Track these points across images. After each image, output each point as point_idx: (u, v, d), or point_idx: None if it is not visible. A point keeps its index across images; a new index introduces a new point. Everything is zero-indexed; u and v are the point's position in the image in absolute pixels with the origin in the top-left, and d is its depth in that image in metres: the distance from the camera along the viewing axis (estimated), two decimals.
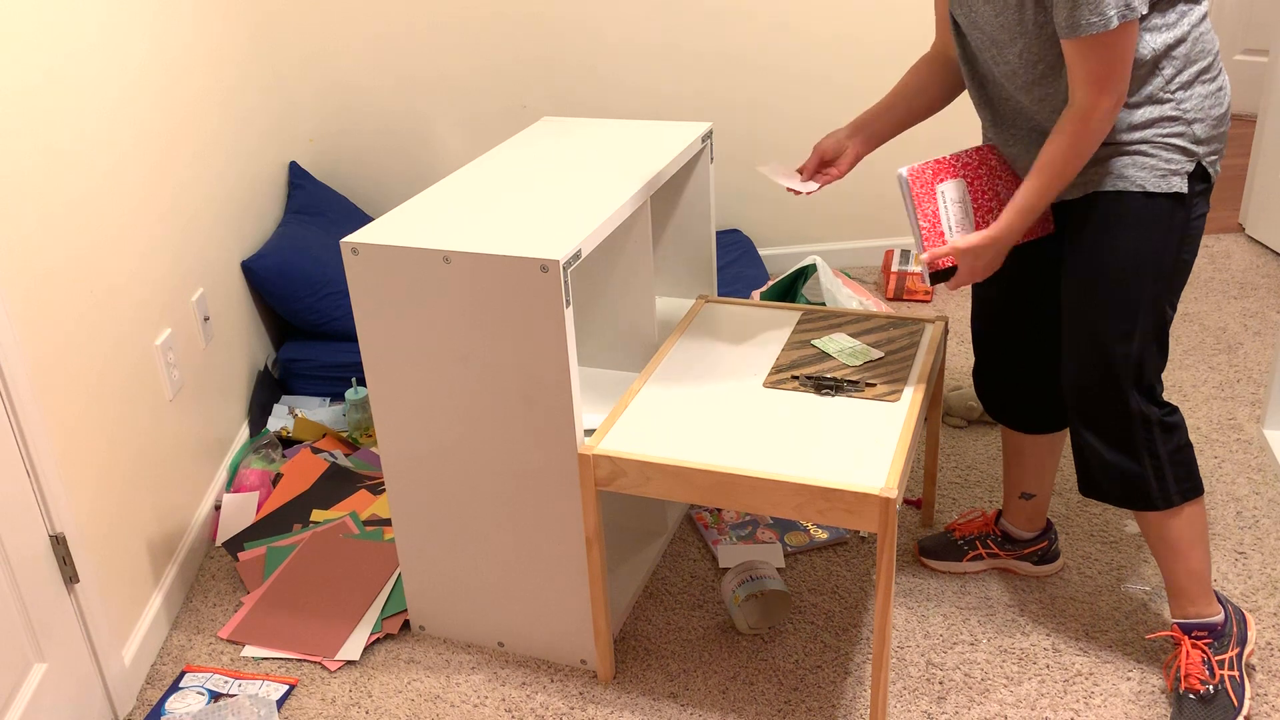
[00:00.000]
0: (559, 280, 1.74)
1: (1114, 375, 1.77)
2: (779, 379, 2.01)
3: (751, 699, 1.99)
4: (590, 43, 3.44)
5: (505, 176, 2.14)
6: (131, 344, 2.17)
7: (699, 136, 2.31)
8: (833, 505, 1.70)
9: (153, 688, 2.08)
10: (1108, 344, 1.76)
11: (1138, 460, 1.81)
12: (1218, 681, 1.85)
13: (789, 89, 3.53)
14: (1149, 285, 1.74)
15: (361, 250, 1.85)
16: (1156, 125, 1.69)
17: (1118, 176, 1.72)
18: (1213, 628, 1.89)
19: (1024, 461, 2.16)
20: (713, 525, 2.43)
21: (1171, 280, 1.76)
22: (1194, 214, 1.74)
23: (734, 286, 3.28)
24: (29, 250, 1.82)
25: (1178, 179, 1.69)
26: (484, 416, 1.91)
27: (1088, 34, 1.58)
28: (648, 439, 1.86)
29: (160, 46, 2.47)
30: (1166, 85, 1.68)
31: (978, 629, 2.12)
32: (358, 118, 3.50)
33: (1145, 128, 1.70)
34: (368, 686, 2.06)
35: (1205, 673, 1.85)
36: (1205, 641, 1.88)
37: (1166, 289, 1.75)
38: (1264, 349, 3.09)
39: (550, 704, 2.00)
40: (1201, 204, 1.74)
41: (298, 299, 2.93)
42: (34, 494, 1.79)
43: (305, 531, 2.47)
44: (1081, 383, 1.81)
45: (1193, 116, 1.68)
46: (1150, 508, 1.84)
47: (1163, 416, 1.79)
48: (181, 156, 2.54)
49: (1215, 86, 1.70)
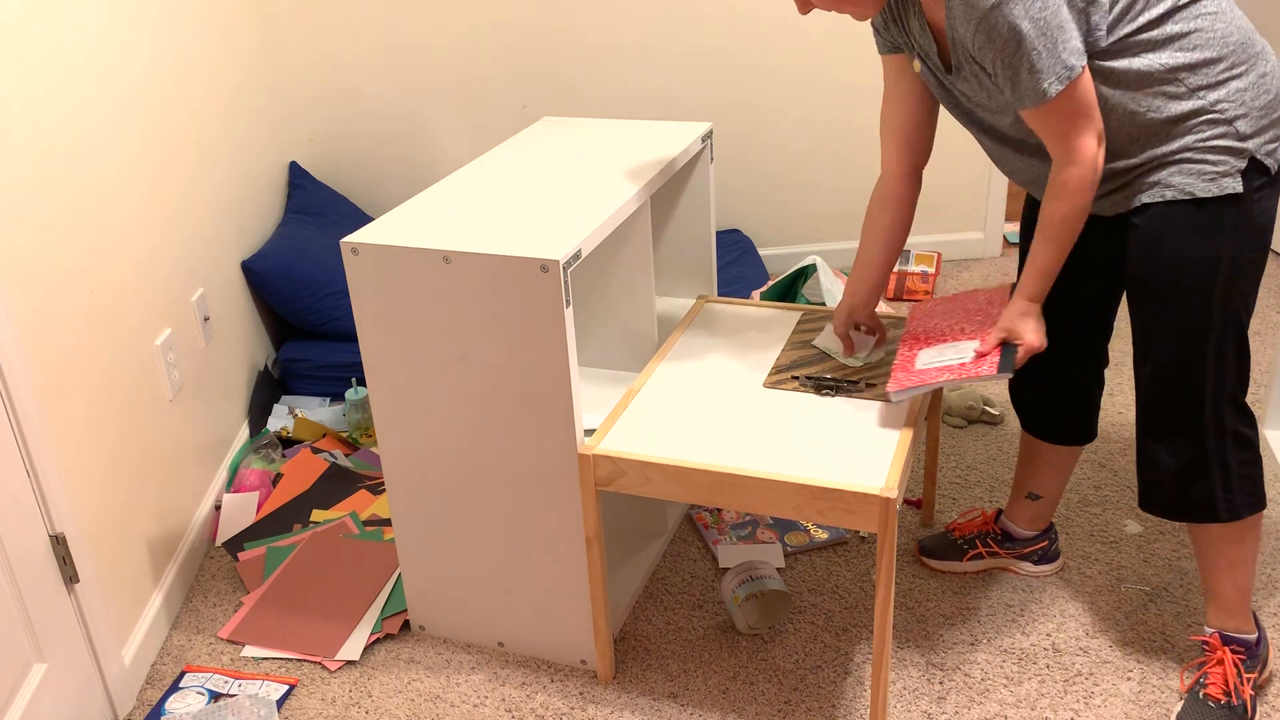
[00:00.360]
0: (559, 280, 1.74)
1: (1194, 386, 1.71)
2: (779, 379, 2.01)
3: (751, 699, 1.99)
4: (590, 43, 3.44)
5: (505, 176, 2.14)
6: (132, 344, 2.17)
7: (699, 136, 2.31)
8: (833, 505, 1.70)
9: (153, 688, 2.08)
10: (1184, 358, 1.71)
11: (1207, 473, 1.76)
12: (1246, 697, 1.84)
13: (789, 89, 3.54)
14: (1217, 293, 1.67)
15: (361, 250, 1.85)
16: (1194, 131, 1.63)
17: (1165, 186, 1.66)
18: (1249, 645, 1.87)
19: (1039, 465, 2.14)
20: (713, 525, 2.43)
21: (1241, 283, 1.68)
22: (1257, 210, 1.65)
23: (734, 286, 3.28)
24: (30, 250, 1.82)
25: (1229, 180, 1.62)
26: (484, 416, 1.91)
27: (1034, 105, 1.59)
28: (648, 439, 1.86)
29: (162, 48, 2.47)
30: (1193, 92, 1.61)
31: (978, 629, 2.12)
32: (358, 118, 3.50)
33: (1184, 135, 1.63)
34: (368, 686, 2.06)
35: (1235, 686, 1.84)
36: (1240, 657, 1.87)
37: (1237, 292, 1.68)
38: (1264, 349, 3.08)
39: (550, 704, 2.00)
40: (1266, 198, 1.66)
41: (298, 299, 2.93)
42: (34, 494, 1.79)
43: (305, 531, 2.47)
44: (1156, 397, 1.76)
45: (1233, 114, 1.61)
46: (1214, 519, 1.79)
47: (1239, 425, 1.74)
48: (182, 157, 2.54)
49: (1255, 76, 1.62)
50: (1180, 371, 1.72)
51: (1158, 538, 2.34)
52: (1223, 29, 1.61)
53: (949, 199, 3.73)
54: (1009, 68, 1.57)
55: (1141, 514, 2.43)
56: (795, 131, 3.59)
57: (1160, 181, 1.67)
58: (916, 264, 3.54)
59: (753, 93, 3.53)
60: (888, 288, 3.53)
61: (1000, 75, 1.60)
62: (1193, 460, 1.76)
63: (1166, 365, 1.73)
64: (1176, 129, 1.64)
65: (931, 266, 3.52)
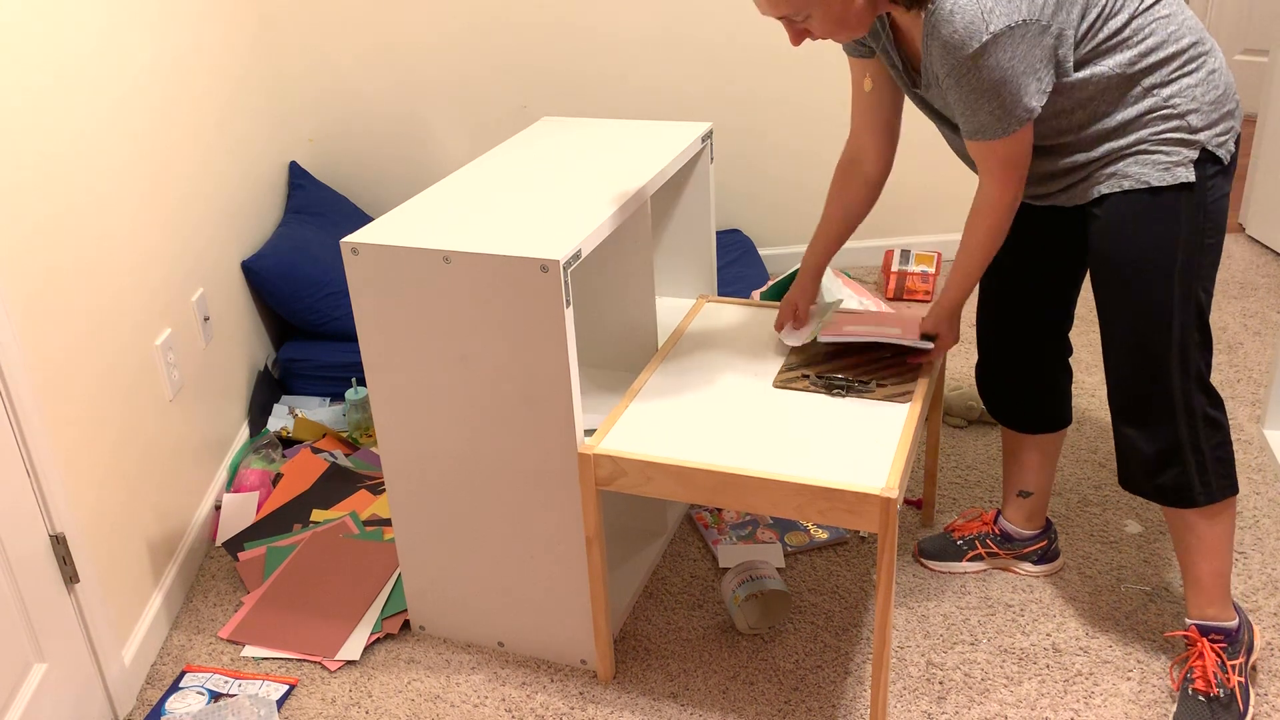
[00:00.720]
0: (559, 280, 1.74)
1: (1160, 370, 1.76)
2: (789, 378, 2.01)
3: (751, 699, 1.99)
4: (590, 43, 3.44)
5: (505, 176, 2.14)
6: (132, 344, 2.17)
7: (699, 136, 2.31)
8: (833, 505, 1.70)
9: (153, 688, 2.08)
10: (1148, 342, 1.76)
11: (1180, 456, 1.80)
12: (1231, 686, 1.84)
13: (789, 89, 3.53)
14: (1178, 277, 1.73)
15: (361, 250, 1.85)
16: (1148, 126, 1.70)
17: (1122, 177, 1.73)
18: (1229, 633, 1.88)
19: (1022, 460, 2.16)
20: (713, 525, 2.43)
21: (1199, 268, 1.74)
22: (1211, 198, 1.72)
23: (734, 286, 3.28)
24: (30, 250, 1.82)
25: (1182, 169, 1.69)
26: (484, 416, 1.91)
27: (984, 140, 1.67)
28: (648, 439, 1.86)
29: (162, 47, 2.47)
30: (1148, 91, 1.68)
31: (978, 629, 2.12)
32: (358, 118, 3.50)
33: (1139, 130, 1.70)
34: (368, 686, 2.06)
35: (1217, 676, 1.85)
36: (1220, 645, 1.88)
37: (1196, 276, 1.74)
38: (1264, 349, 3.09)
39: (550, 704, 2.00)
40: (1220, 185, 1.72)
41: (298, 299, 2.93)
42: (34, 494, 1.79)
43: (305, 531, 2.47)
44: (1126, 381, 1.80)
45: (1185, 109, 1.68)
46: (1191, 505, 1.82)
47: (1208, 409, 1.78)
48: (182, 157, 2.54)
49: (1203, 74, 1.68)
50: (1146, 355, 1.77)
51: (1158, 538, 2.34)
52: (1175, 30, 1.67)
53: (948, 199, 3.73)
54: (970, 106, 1.65)
55: (1141, 514, 2.43)
56: (795, 131, 3.59)
57: (1117, 173, 1.73)
58: (916, 264, 3.53)
59: (753, 93, 3.53)
60: (888, 288, 3.53)
61: (960, 105, 1.67)
62: (1167, 446, 1.80)
63: (1132, 350, 1.78)
64: (1132, 125, 1.71)
65: (931, 266, 3.52)
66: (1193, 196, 1.70)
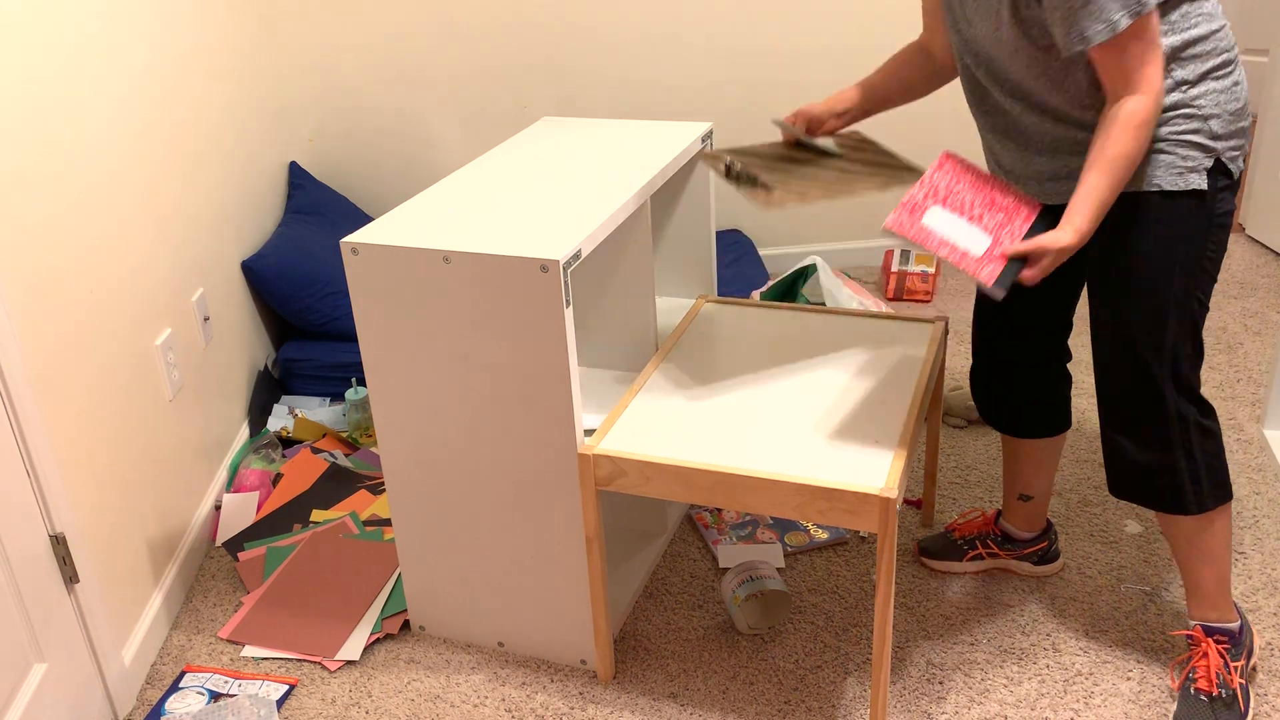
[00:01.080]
0: (559, 280, 1.74)
1: (1149, 377, 1.74)
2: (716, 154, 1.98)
3: (751, 699, 1.99)
4: (590, 43, 3.44)
5: (505, 176, 2.14)
6: (131, 344, 2.17)
7: (699, 136, 2.31)
8: (833, 505, 1.70)
9: (153, 688, 2.08)
10: (1140, 347, 1.73)
11: (1173, 463, 1.78)
12: (1234, 686, 1.84)
13: (790, 89, 3.53)
14: (1177, 285, 1.70)
15: (361, 250, 1.85)
16: (1171, 123, 1.66)
17: (1135, 177, 1.69)
18: (1232, 634, 1.88)
19: (1021, 464, 2.15)
20: (713, 525, 2.43)
21: (1199, 278, 1.72)
22: (1217, 211, 1.69)
23: (734, 286, 3.28)
24: (29, 249, 1.82)
25: (1196, 176, 1.66)
26: (484, 416, 1.91)
27: (1098, 42, 1.56)
28: (648, 439, 1.86)
29: (161, 47, 2.47)
30: (1177, 85, 1.64)
31: (978, 629, 2.12)
32: (358, 118, 3.50)
33: (1160, 125, 1.66)
34: (368, 686, 2.06)
35: (1221, 676, 1.85)
36: (1224, 646, 1.88)
37: (1194, 286, 1.72)
38: (1264, 349, 3.09)
39: (550, 704, 2.00)
40: (1226, 200, 1.70)
41: (298, 299, 2.93)
42: (34, 494, 1.79)
43: (305, 531, 2.47)
44: (1115, 386, 1.79)
45: (1208, 112, 1.65)
46: (1183, 512, 1.81)
47: (1200, 417, 1.76)
48: (182, 156, 2.54)
49: (1230, 82, 1.66)
50: (1137, 363, 1.75)
51: (1158, 538, 2.34)
52: (1215, 30, 1.65)
53: None
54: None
55: (1142, 514, 2.43)
56: None
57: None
58: (916, 264, 3.53)
59: (753, 93, 3.53)
60: (888, 288, 3.53)
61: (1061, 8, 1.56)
62: (1159, 455, 1.78)
63: (1124, 356, 1.76)
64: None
65: (931, 266, 3.52)
66: (1202, 206, 1.67)
